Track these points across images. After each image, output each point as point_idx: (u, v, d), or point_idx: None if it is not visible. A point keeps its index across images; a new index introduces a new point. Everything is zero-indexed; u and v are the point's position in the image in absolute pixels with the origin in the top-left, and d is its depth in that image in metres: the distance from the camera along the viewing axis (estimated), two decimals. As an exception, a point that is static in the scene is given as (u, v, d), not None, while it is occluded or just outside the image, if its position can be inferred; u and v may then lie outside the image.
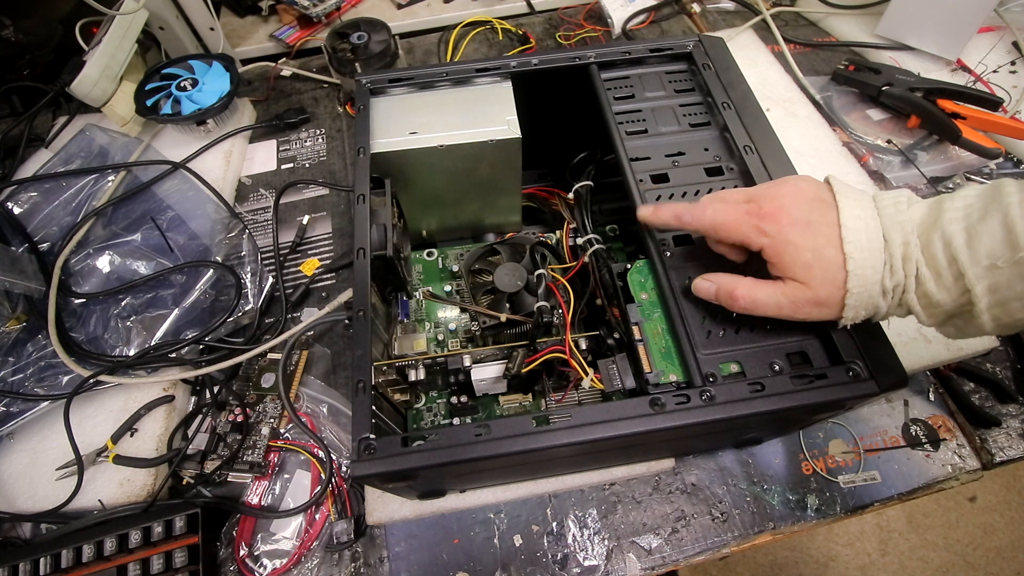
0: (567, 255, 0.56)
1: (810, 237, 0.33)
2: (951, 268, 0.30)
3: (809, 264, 0.33)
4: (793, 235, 0.33)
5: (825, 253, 0.33)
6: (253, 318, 0.61)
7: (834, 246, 0.33)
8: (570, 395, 0.51)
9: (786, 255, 0.33)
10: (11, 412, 0.54)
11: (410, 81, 0.53)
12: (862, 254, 0.32)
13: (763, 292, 0.35)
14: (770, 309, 0.35)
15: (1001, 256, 0.28)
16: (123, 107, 0.74)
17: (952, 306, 0.31)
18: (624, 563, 0.50)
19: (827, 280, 0.33)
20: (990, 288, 0.29)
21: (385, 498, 0.51)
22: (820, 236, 0.33)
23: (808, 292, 0.33)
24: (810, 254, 0.33)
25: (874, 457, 0.54)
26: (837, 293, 0.33)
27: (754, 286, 0.35)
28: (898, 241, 0.32)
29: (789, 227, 0.34)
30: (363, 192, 0.45)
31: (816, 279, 0.33)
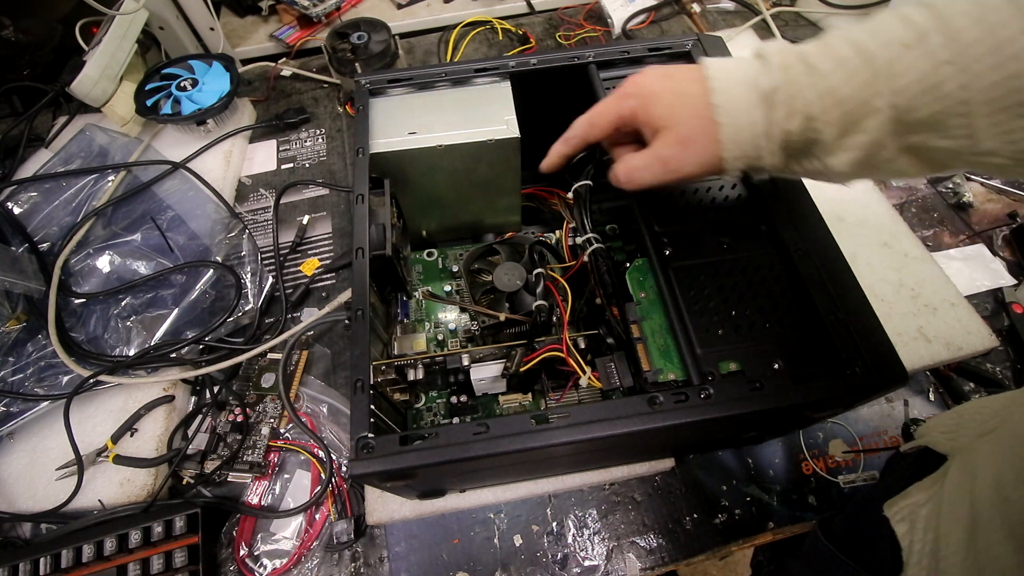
0: (566, 254, 0.56)
1: (669, 82, 0.33)
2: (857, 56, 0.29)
3: (671, 104, 0.32)
4: (653, 86, 0.33)
5: (686, 90, 0.32)
6: (253, 318, 0.61)
7: (695, 80, 0.32)
8: (569, 394, 0.51)
9: (649, 107, 0.33)
10: (11, 412, 0.54)
11: (409, 81, 0.53)
12: (725, 71, 0.31)
13: (637, 158, 0.34)
14: (647, 173, 0.34)
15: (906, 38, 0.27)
16: (123, 107, 0.74)
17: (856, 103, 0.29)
18: (624, 563, 0.50)
19: (691, 114, 0.32)
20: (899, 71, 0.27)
21: (385, 498, 0.51)
22: (680, 78, 0.33)
23: (671, 134, 0.32)
24: (670, 95, 0.32)
25: (874, 457, 0.54)
26: (706, 125, 0.31)
27: (629, 158, 0.35)
28: (774, 56, 0.31)
29: (649, 82, 0.34)
30: (362, 192, 0.45)
31: (679, 116, 0.32)
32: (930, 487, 0.37)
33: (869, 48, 0.28)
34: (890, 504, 0.38)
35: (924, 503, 0.36)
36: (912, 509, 0.37)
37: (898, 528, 0.37)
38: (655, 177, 0.34)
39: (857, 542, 0.42)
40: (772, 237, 0.42)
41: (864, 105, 0.29)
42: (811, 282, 0.38)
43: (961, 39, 0.26)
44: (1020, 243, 0.65)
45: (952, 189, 0.71)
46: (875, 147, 0.29)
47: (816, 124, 0.30)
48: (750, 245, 0.42)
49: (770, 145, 0.31)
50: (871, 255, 0.59)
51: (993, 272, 0.63)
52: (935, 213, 0.69)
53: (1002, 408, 0.36)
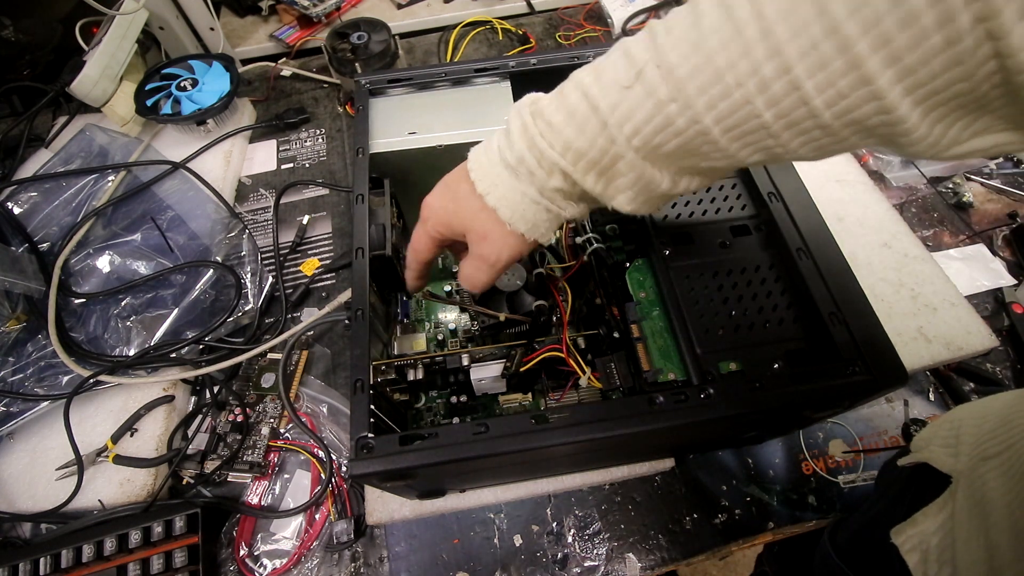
0: (566, 254, 0.56)
1: (448, 191, 0.34)
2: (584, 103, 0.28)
3: (457, 212, 0.34)
4: (439, 202, 0.35)
5: (461, 193, 0.33)
6: (253, 318, 0.61)
7: (464, 179, 0.33)
8: (569, 394, 0.51)
9: (447, 222, 0.34)
10: (11, 412, 0.54)
11: (409, 81, 0.53)
12: (478, 160, 0.32)
13: (466, 268, 0.35)
14: (479, 275, 0.35)
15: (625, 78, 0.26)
16: (123, 107, 0.74)
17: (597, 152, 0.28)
18: (624, 563, 0.50)
19: (475, 210, 0.32)
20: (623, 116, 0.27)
21: (385, 498, 0.51)
22: (454, 184, 0.34)
23: (472, 235, 0.34)
24: (453, 204, 0.34)
25: (874, 457, 0.54)
26: (489, 215, 0.32)
27: (463, 267, 0.36)
28: (515, 120, 0.31)
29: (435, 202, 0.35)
30: (362, 192, 0.45)
31: (467, 218, 0.33)
32: (938, 514, 0.35)
33: (592, 93, 0.27)
34: (898, 532, 0.37)
35: (934, 532, 0.35)
36: (922, 538, 0.36)
37: (909, 558, 0.36)
38: (487, 275, 0.35)
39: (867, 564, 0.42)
40: (772, 237, 0.42)
41: (605, 153, 0.28)
42: (811, 282, 0.38)
43: (677, 73, 0.24)
44: (1020, 243, 0.65)
45: (952, 189, 0.71)
46: (644, 183, 0.29)
47: (575, 177, 0.30)
48: (750, 245, 0.42)
49: (555, 205, 0.31)
50: (871, 255, 0.59)
51: (993, 272, 0.63)
52: (935, 213, 0.69)
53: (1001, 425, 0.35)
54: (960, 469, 0.35)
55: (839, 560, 0.43)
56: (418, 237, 0.38)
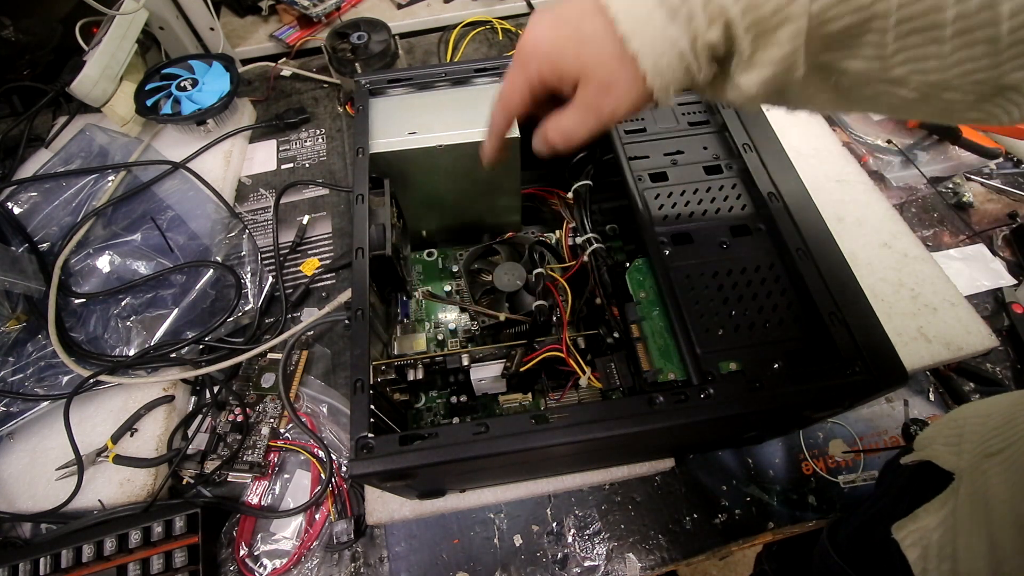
0: (566, 254, 0.56)
1: (566, 28, 0.29)
2: None
3: (577, 54, 0.28)
4: (549, 41, 0.29)
5: (587, 31, 0.28)
6: (253, 318, 0.61)
7: (590, 13, 0.28)
8: (569, 394, 0.51)
9: (556, 65, 0.29)
10: (11, 412, 0.54)
11: (409, 81, 0.53)
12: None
13: (564, 119, 0.31)
14: (581, 128, 0.31)
15: None
16: (123, 107, 0.74)
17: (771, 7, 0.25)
18: (624, 563, 0.50)
19: (604, 55, 0.28)
20: None
21: (385, 498, 0.51)
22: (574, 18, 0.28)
23: (591, 82, 0.29)
24: (573, 44, 0.28)
25: (874, 457, 0.54)
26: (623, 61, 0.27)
27: (558, 118, 0.31)
28: None
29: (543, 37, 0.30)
30: (362, 192, 0.45)
31: (591, 59, 0.28)
32: (939, 509, 0.35)
33: None
34: (899, 527, 0.37)
35: (935, 528, 0.35)
36: (923, 534, 0.36)
37: (909, 553, 0.36)
38: (590, 130, 0.31)
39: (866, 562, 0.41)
40: (772, 237, 0.42)
41: (779, 11, 0.25)
42: (811, 282, 0.38)
43: None
44: (1020, 243, 0.65)
45: (952, 189, 0.71)
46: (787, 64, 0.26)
47: (735, 31, 0.26)
48: (750, 245, 0.42)
49: (698, 61, 0.27)
50: (871, 255, 0.59)
51: (993, 272, 0.63)
52: (935, 213, 0.69)
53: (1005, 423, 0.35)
54: (963, 466, 0.35)
55: (839, 559, 0.43)
56: (512, 83, 0.32)
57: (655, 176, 0.45)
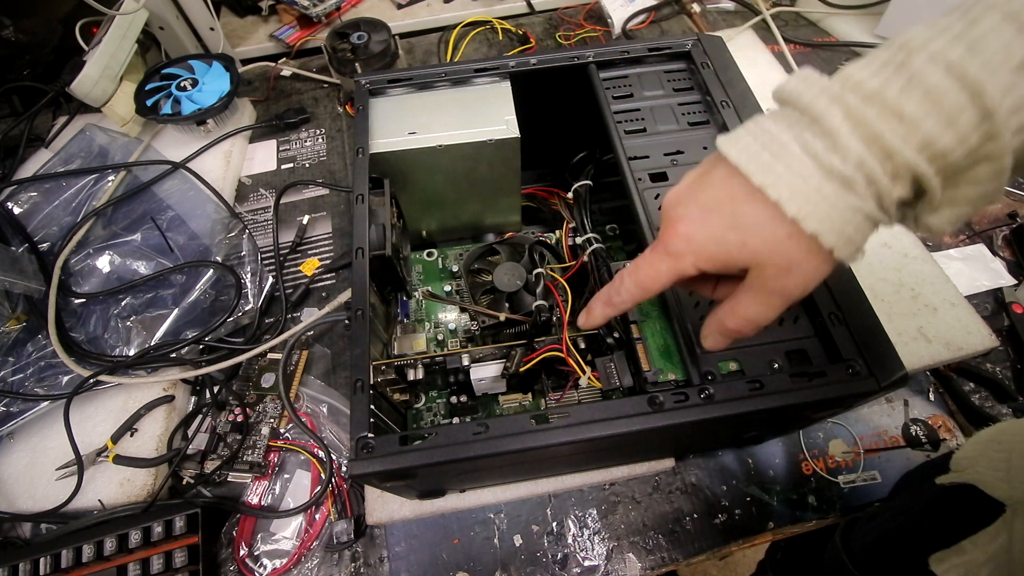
0: (566, 254, 0.56)
1: (715, 217, 0.26)
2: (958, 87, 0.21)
3: (740, 241, 0.26)
4: (702, 232, 0.27)
5: (742, 214, 0.25)
6: (253, 318, 0.61)
7: (743, 197, 0.25)
8: (569, 394, 0.51)
9: (717, 258, 0.27)
10: (11, 412, 0.54)
11: (409, 81, 0.53)
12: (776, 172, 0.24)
13: (744, 307, 0.28)
14: (769, 313, 0.28)
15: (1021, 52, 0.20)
16: (123, 107, 0.74)
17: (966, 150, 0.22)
18: (624, 563, 0.50)
19: (770, 238, 0.25)
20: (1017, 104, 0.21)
21: (385, 498, 0.51)
22: (725, 204, 0.26)
23: (767, 270, 0.26)
24: (731, 232, 0.26)
25: (874, 457, 0.54)
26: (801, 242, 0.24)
27: (735, 307, 0.29)
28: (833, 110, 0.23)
29: (690, 227, 0.27)
30: (362, 192, 0.45)
31: (759, 248, 0.25)
32: (989, 544, 0.32)
33: (970, 73, 0.21)
34: (939, 560, 0.34)
35: (984, 563, 0.32)
36: (968, 569, 0.33)
37: None
38: (779, 312, 0.28)
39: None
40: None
41: (976, 151, 0.22)
42: (811, 282, 0.38)
43: None
44: (1020, 243, 0.65)
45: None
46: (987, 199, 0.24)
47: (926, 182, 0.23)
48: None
49: (888, 215, 0.25)
50: (871, 255, 0.58)
51: (993, 272, 0.63)
52: (935, 213, 0.69)
53: None
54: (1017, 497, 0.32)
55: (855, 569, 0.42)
56: (656, 272, 0.29)
57: (655, 176, 0.45)
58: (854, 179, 0.23)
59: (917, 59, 0.22)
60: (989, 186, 0.23)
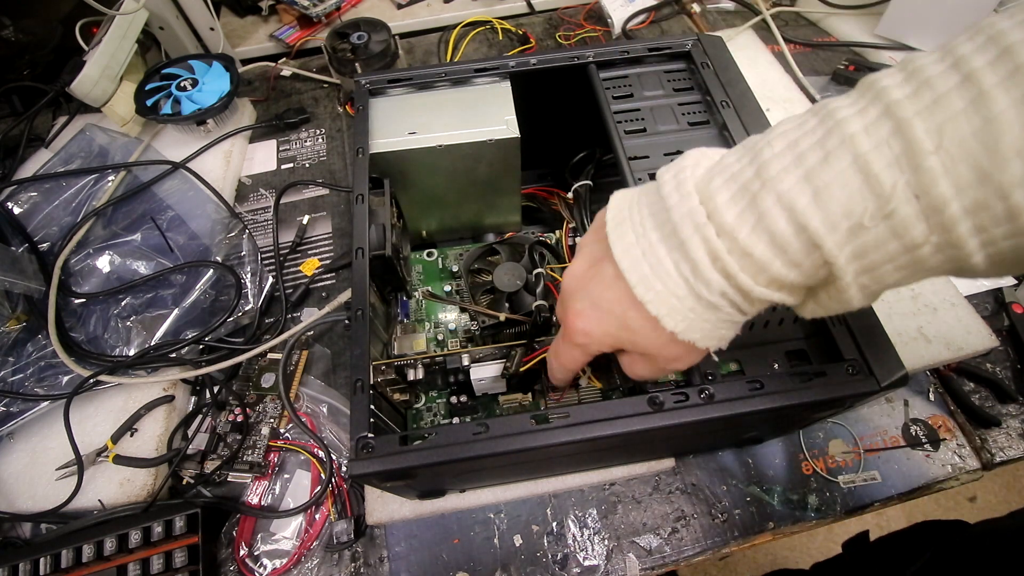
0: (566, 254, 0.56)
1: (607, 316, 0.30)
2: (800, 238, 0.23)
3: (631, 340, 0.30)
4: (597, 329, 0.31)
5: (628, 318, 0.29)
6: (253, 318, 0.61)
7: (628, 303, 0.29)
8: (569, 394, 0.51)
9: (614, 346, 0.32)
10: (11, 412, 0.54)
11: (409, 81, 0.53)
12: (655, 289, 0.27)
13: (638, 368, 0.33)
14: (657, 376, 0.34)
15: (864, 212, 0.21)
16: (123, 107, 0.74)
17: (810, 280, 0.25)
18: (624, 563, 0.50)
19: (654, 340, 0.29)
20: (855, 254, 0.22)
21: (385, 498, 0.51)
22: (615, 306, 0.29)
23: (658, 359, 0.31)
24: (623, 332, 0.30)
25: (874, 457, 0.54)
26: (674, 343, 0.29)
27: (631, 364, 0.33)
28: (694, 240, 0.25)
29: (585, 323, 0.31)
30: (362, 192, 0.45)
31: (648, 346, 0.30)
32: None
33: (812, 226, 0.22)
34: None
35: None
36: None
37: None
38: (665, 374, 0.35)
39: None
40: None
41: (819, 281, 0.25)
42: (811, 282, 0.38)
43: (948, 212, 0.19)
44: (1020, 243, 0.65)
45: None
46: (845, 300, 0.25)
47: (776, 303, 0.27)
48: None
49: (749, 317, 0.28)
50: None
51: (993, 272, 0.63)
52: (935, 213, 0.69)
53: None
54: None
55: None
56: (572, 357, 0.35)
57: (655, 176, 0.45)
58: (719, 304, 0.26)
59: (767, 198, 0.23)
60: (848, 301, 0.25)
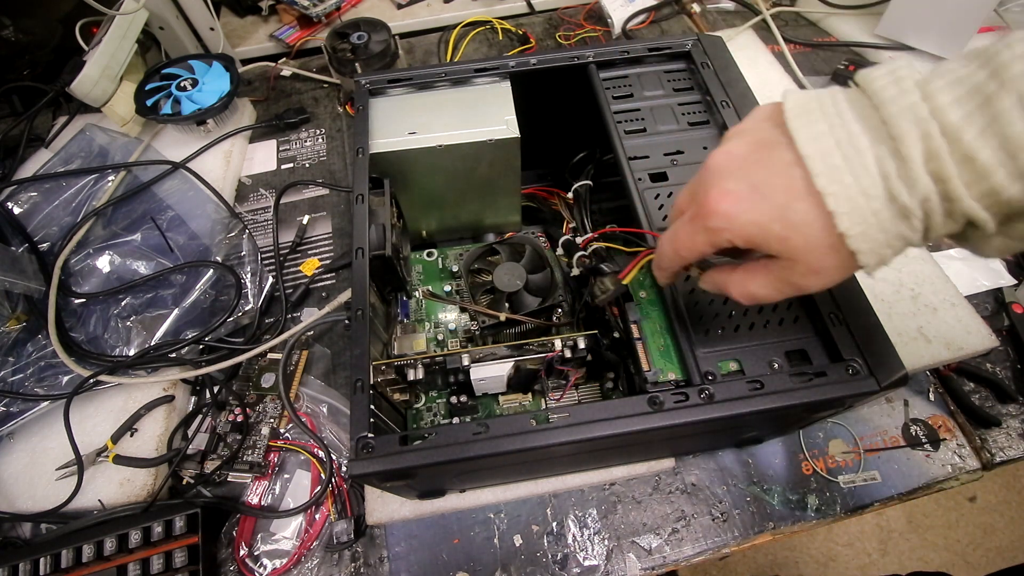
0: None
1: (765, 203, 0.26)
2: None
3: (782, 236, 0.26)
4: (746, 215, 0.26)
5: (792, 210, 0.25)
6: (253, 318, 0.61)
7: (799, 193, 0.25)
8: (569, 394, 0.51)
9: (754, 240, 0.27)
10: (11, 412, 0.54)
11: (409, 81, 0.53)
12: (843, 182, 0.24)
13: (755, 284, 0.29)
14: (774, 296, 0.29)
15: None
16: (123, 107, 0.74)
17: None
18: (624, 563, 0.50)
19: (812, 241, 0.25)
20: None
21: (385, 498, 0.51)
22: (779, 194, 0.25)
23: (798, 267, 0.26)
24: (776, 224, 0.25)
25: (874, 457, 0.54)
26: (832, 250, 0.25)
27: (745, 278, 0.29)
28: (914, 138, 0.22)
29: (735, 206, 0.26)
30: (362, 192, 0.45)
31: (799, 247, 0.26)
32: None
33: None
34: None
35: None
36: None
37: None
38: (784, 296, 0.29)
39: None
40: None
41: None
42: (811, 282, 0.38)
43: None
44: (1020, 243, 0.65)
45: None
46: None
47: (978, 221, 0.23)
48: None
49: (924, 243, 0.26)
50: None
51: (993, 272, 0.63)
52: (935, 213, 0.69)
53: None
54: None
55: None
56: (693, 241, 0.29)
57: (655, 176, 0.45)
58: (913, 212, 0.23)
59: (1005, 99, 0.21)
60: None
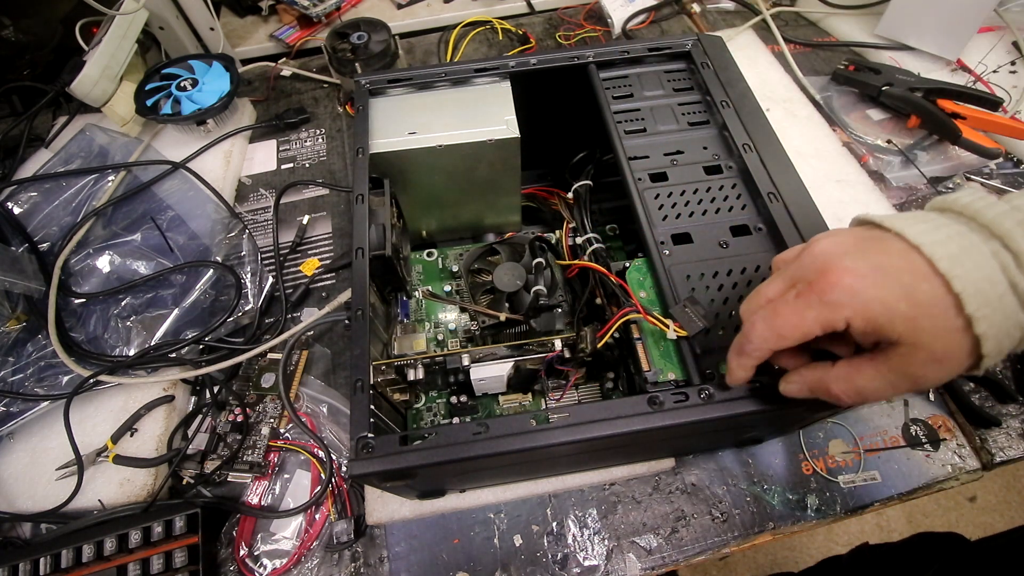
0: (566, 254, 0.56)
1: (890, 282, 0.25)
2: None
3: (909, 315, 0.25)
4: (871, 291, 0.25)
5: (919, 290, 0.25)
6: (253, 318, 0.61)
7: (924, 275, 0.25)
8: (569, 394, 0.51)
9: (876, 320, 0.25)
10: (11, 412, 0.54)
11: (409, 81, 0.53)
12: (965, 267, 0.24)
13: (864, 378, 0.28)
14: (888, 393, 0.27)
15: None
16: (123, 107, 0.74)
17: None
18: (624, 563, 0.50)
19: (939, 325, 0.25)
20: None
21: (385, 498, 0.51)
22: (901, 274, 0.25)
23: (919, 354, 0.25)
24: (903, 303, 0.25)
25: (874, 457, 0.54)
26: (963, 339, 0.25)
27: (851, 373, 0.28)
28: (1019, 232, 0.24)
29: (859, 282, 0.26)
30: (362, 192, 0.45)
31: (925, 330, 0.25)
32: None
33: None
34: None
35: None
36: None
37: None
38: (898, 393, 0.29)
39: None
40: (772, 237, 0.42)
41: None
42: (811, 282, 0.38)
43: None
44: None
45: (952, 189, 0.71)
46: None
47: None
48: (750, 245, 0.42)
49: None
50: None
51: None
52: (935, 213, 0.69)
53: None
54: None
55: None
56: (802, 320, 0.27)
57: (655, 176, 0.45)
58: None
59: None
60: None
